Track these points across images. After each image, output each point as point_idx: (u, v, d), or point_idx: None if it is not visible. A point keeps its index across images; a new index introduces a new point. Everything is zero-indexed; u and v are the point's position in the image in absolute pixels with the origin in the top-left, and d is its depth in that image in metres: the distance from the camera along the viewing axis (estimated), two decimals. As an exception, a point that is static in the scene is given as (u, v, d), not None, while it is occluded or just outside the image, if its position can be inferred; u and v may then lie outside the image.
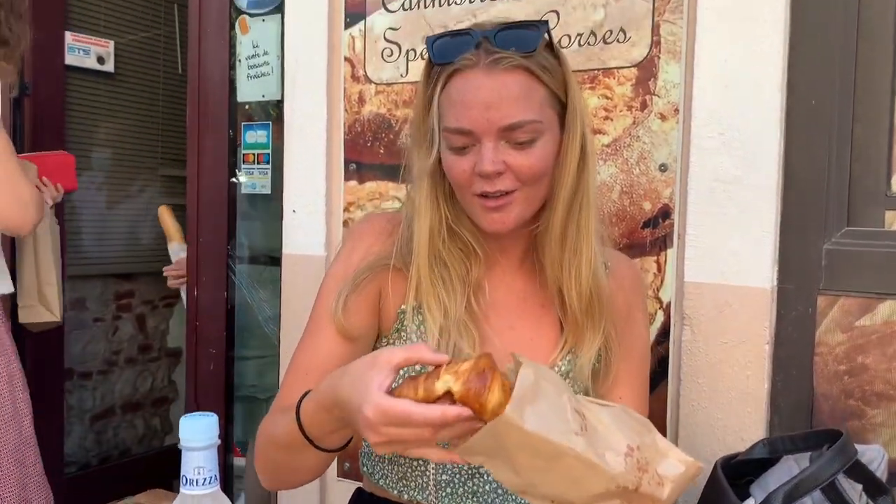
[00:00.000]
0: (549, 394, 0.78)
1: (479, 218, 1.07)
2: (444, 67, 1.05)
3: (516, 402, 0.76)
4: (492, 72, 1.01)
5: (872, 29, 1.41)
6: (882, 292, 1.40)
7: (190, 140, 2.42)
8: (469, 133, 1.03)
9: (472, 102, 1.01)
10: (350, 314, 1.10)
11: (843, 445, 1.05)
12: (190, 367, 2.49)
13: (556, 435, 0.76)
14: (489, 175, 1.02)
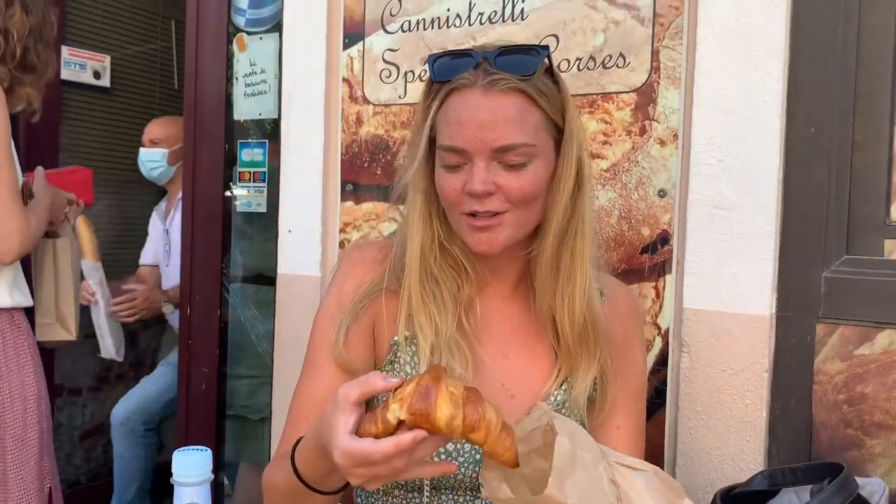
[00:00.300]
0: (586, 464, 0.78)
1: (467, 238, 1.07)
2: (442, 85, 1.06)
3: (557, 475, 0.75)
4: (488, 92, 1.02)
5: (872, 58, 1.41)
6: (881, 321, 1.39)
7: (185, 157, 2.41)
8: (462, 152, 1.03)
9: (467, 122, 1.02)
10: (350, 346, 1.10)
11: (844, 479, 1.04)
12: (182, 386, 2.46)
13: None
14: (479, 195, 1.02)
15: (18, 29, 1.75)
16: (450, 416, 0.79)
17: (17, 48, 1.75)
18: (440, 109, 1.06)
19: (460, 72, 1.04)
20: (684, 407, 1.49)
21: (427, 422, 0.79)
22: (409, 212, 1.11)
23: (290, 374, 1.94)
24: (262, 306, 2.30)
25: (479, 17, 1.70)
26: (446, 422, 0.78)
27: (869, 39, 1.42)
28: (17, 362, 1.76)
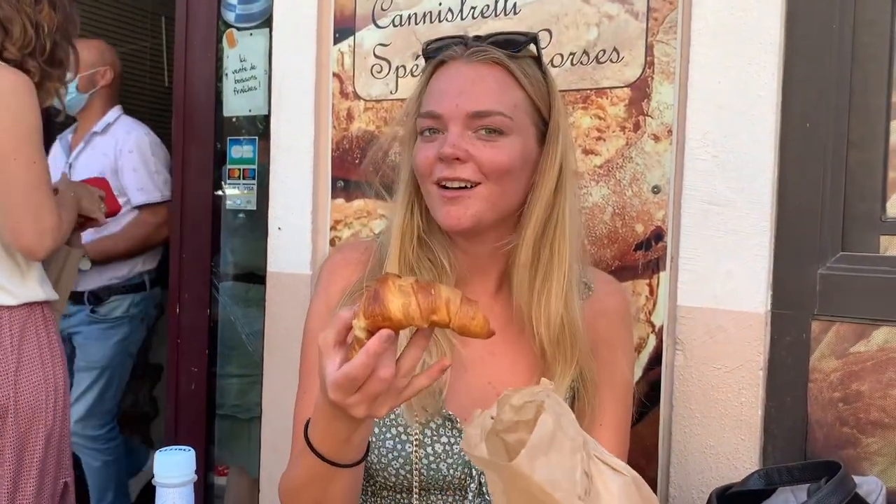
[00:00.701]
0: (563, 449, 0.76)
1: (439, 212, 1.04)
2: (430, 62, 1.09)
3: (530, 449, 0.74)
4: (470, 62, 1.04)
5: (867, 54, 1.40)
6: (877, 318, 1.38)
7: (175, 154, 2.38)
8: (438, 117, 1.03)
9: (446, 88, 1.04)
10: None
11: (841, 478, 1.03)
12: (171, 385, 2.44)
13: (559, 493, 0.74)
14: (448, 157, 1.00)
15: (49, 23, 1.77)
16: (402, 305, 0.79)
17: (46, 42, 1.76)
18: (426, 86, 1.09)
19: (445, 49, 1.07)
20: (678, 405, 1.47)
21: (385, 318, 0.79)
22: (394, 202, 1.12)
23: (279, 373, 1.92)
24: (251, 304, 2.28)
25: (472, 11, 1.68)
26: (402, 311, 0.79)
27: (865, 35, 1.41)
28: (51, 354, 1.79)
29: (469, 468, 1.06)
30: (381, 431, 1.07)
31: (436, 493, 1.08)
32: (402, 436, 1.05)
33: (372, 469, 1.08)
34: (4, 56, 1.72)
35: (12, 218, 1.66)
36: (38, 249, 1.70)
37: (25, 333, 1.73)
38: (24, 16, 1.72)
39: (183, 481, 0.70)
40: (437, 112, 1.03)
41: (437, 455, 1.05)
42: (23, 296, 1.73)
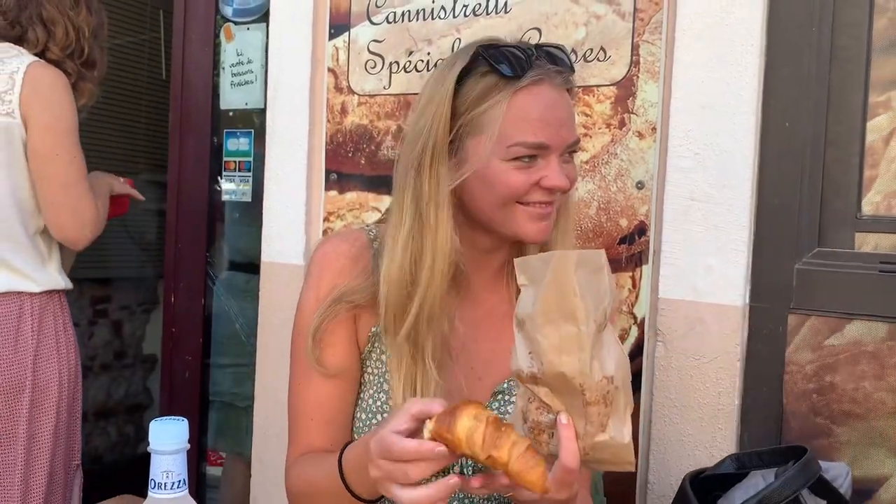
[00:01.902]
0: (602, 282, 0.84)
1: (524, 227, 1.06)
2: (508, 81, 1.03)
3: (581, 256, 0.82)
4: (558, 89, 1.06)
5: (845, 55, 1.45)
6: (851, 312, 1.42)
7: (171, 146, 2.42)
8: (545, 148, 1.04)
9: (550, 119, 1.03)
10: (326, 359, 1.10)
11: (807, 462, 1.07)
12: (165, 374, 2.47)
13: (584, 302, 0.81)
14: (563, 189, 1.06)
15: (87, 26, 1.85)
16: (469, 428, 0.81)
17: (84, 45, 1.85)
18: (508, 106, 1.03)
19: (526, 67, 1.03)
20: (658, 395, 1.52)
21: (449, 432, 0.82)
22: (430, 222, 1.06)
23: (273, 362, 1.96)
24: (246, 295, 2.31)
25: (464, 9, 1.73)
26: (466, 434, 0.81)
27: (843, 37, 1.45)
28: (66, 340, 1.87)
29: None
30: (367, 418, 1.11)
31: None
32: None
33: None
34: (47, 56, 1.80)
35: (54, 212, 1.76)
36: (79, 240, 1.80)
37: (44, 319, 1.81)
38: (67, 18, 1.81)
39: (177, 448, 0.74)
40: (546, 143, 1.03)
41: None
42: (44, 283, 1.81)
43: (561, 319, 0.82)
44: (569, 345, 0.81)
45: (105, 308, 3.58)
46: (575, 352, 0.81)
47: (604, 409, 0.83)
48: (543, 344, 0.83)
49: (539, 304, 0.83)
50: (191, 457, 2.41)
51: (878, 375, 1.39)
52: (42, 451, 1.77)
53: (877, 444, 1.39)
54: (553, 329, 0.82)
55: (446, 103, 1.05)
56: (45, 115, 1.72)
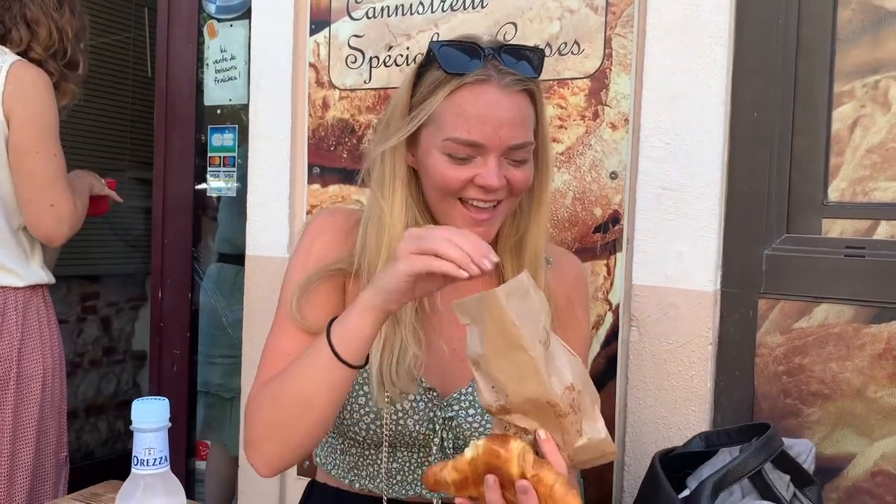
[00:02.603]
0: (533, 305, 0.87)
1: (461, 227, 1.08)
2: (451, 76, 1.06)
3: (507, 288, 0.84)
4: (505, 90, 1.06)
5: (811, 46, 1.49)
6: (818, 296, 1.47)
7: (157, 143, 2.44)
8: (479, 146, 1.06)
9: (487, 118, 1.05)
10: (307, 313, 1.12)
11: (769, 437, 1.11)
12: (153, 369, 2.50)
13: (525, 330, 0.84)
14: (494, 189, 1.07)
15: (70, 27, 1.89)
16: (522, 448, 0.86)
17: (67, 46, 1.88)
18: (447, 98, 1.07)
19: (471, 64, 1.06)
20: (633, 378, 1.56)
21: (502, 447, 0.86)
22: (387, 200, 1.12)
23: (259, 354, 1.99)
24: (232, 288, 2.34)
25: (442, 4, 1.76)
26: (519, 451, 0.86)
27: (809, 28, 1.49)
28: (49, 333, 1.90)
29: (432, 423, 1.14)
30: (353, 391, 1.14)
31: (402, 448, 1.15)
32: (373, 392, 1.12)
33: (343, 425, 1.15)
34: (30, 56, 1.83)
35: (32, 208, 1.79)
36: (56, 237, 1.83)
37: (28, 313, 1.84)
38: (51, 19, 1.84)
39: (158, 426, 0.77)
40: (480, 142, 1.05)
41: (405, 411, 1.13)
42: (28, 278, 1.85)
43: (510, 351, 0.85)
44: (526, 371, 0.85)
45: (93, 304, 3.59)
46: (533, 376, 0.85)
47: (575, 417, 0.88)
48: (503, 377, 0.87)
49: (486, 342, 0.87)
50: (179, 452, 2.45)
51: (845, 357, 1.44)
52: (27, 444, 1.81)
53: (844, 424, 1.44)
54: (506, 361, 0.86)
55: (405, 95, 1.11)
56: (27, 112, 1.75)
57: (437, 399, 1.14)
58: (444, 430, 1.13)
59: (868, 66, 1.46)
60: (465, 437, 1.14)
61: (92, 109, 3.45)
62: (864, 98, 1.46)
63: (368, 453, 1.17)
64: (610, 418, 1.59)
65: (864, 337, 1.42)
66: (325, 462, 1.24)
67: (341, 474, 1.20)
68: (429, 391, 1.13)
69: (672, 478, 1.20)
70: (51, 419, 1.88)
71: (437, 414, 1.13)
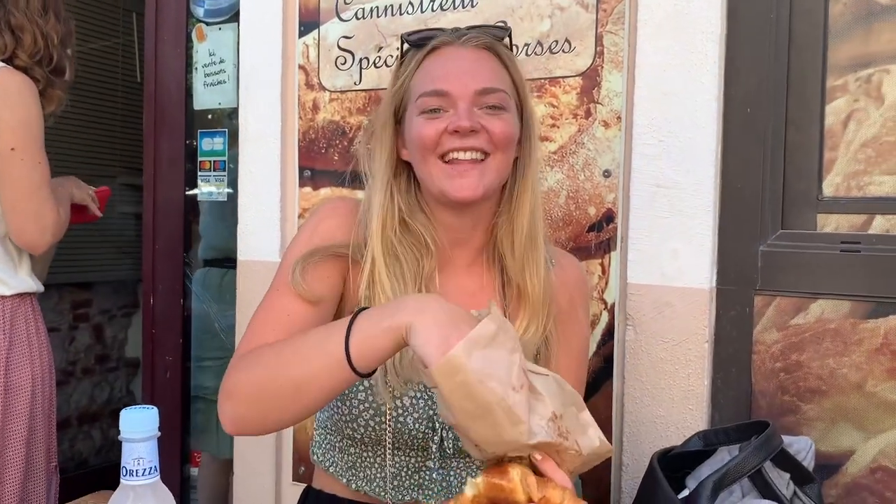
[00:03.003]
0: (503, 347, 0.82)
1: (444, 185, 1.09)
2: (418, 50, 1.13)
3: (467, 342, 0.80)
4: (466, 45, 1.11)
5: (803, 41, 1.48)
6: (815, 292, 1.46)
7: (147, 148, 2.42)
8: (446, 94, 1.08)
9: (450, 69, 1.10)
10: (309, 280, 1.10)
11: (769, 436, 1.10)
12: (146, 376, 2.48)
13: (494, 382, 0.80)
14: (465, 130, 1.06)
15: (56, 34, 1.86)
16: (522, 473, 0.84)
17: (53, 52, 1.86)
18: (417, 70, 1.12)
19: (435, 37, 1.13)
20: (630, 378, 1.55)
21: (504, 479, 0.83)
22: (372, 188, 1.15)
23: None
24: (224, 293, 2.32)
25: (431, 4, 1.75)
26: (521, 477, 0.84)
27: (801, 23, 1.48)
28: (38, 342, 1.88)
29: (432, 422, 1.12)
30: (354, 385, 1.12)
31: (402, 450, 1.14)
32: (374, 388, 1.11)
33: (342, 421, 1.14)
34: (15, 63, 1.80)
35: (17, 216, 1.76)
36: (39, 245, 1.81)
37: (16, 321, 1.82)
38: (35, 26, 1.81)
39: (147, 436, 0.75)
40: (445, 90, 1.08)
41: (405, 408, 1.11)
42: (15, 286, 1.83)
43: (482, 412, 0.81)
44: (503, 426, 0.82)
45: (86, 312, 3.57)
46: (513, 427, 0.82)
47: (567, 441, 0.86)
48: (481, 438, 0.84)
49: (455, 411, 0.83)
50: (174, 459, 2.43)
51: (842, 352, 1.43)
52: (16, 454, 1.79)
53: (842, 419, 1.43)
54: (481, 423, 0.82)
55: (389, 87, 1.16)
56: (12, 118, 1.72)
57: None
58: (444, 430, 1.12)
59: (861, 60, 1.46)
60: None
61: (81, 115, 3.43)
62: (858, 92, 1.45)
63: (367, 454, 1.16)
64: (607, 418, 1.58)
65: (861, 332, 1.42)
66: (322, 460, 1.22)
67: (339, 472, 1.19)
68: (430, 389, 1.12)
69: (671, 478, 1.19)
70: (41, 429, 1.86)
71: (438, 412, 1.12)
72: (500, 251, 1.18)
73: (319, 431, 1.25)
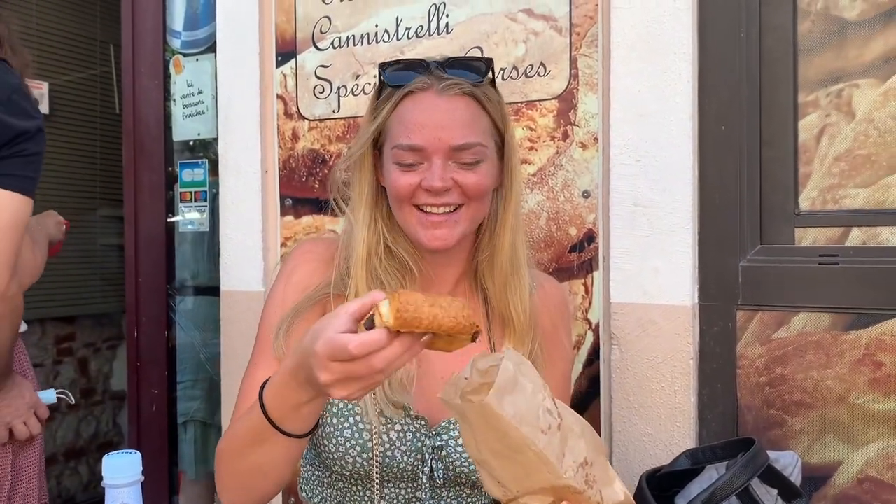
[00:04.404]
0: (526, 391, 0.85)
1: (419, 234, 1.11)
2: (396, 90, 1.11)
3: (497, 390, 0.81)
4: (443, 95, 1.09)
5: (773, 56, 1.50)
6: (796, 305, 1.47)
7: (126, 179, 2.41)
8: (420, 150, 1.08)
9: (425, 122, 1.08)
10: (292, 342, 1.10)
11: (754, 453, 1.11)
12: (132, 409, 2.46)
13: (526, 428, 0.82)
14: (438, 191, 1.08)
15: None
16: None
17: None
18: (393, 112, 1.11)
19: (413, 77, 1.10)
20: (617, 397, 1.55)
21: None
22: (354, 216, 1.16)
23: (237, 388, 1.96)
24: (208, 324, 2.31)
25: (407, 31, 1.76)
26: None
27: (770, 39, 1.51)
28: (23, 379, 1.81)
29: (421, 454, 1.12)
30: (339, 421, 1.12)
31: (392, 482, 1.13)
32: (359, 424, 1.11)
33: (329, 459, 1.13)
34: None
35: None
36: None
37: None
38: None
39: (130, 482, 0.75)
40: (420, 145, 1.08)
41: (392, 442, 1.11)
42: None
43: (513, 453, 0.83)
44: (533, 467, 0.84)
45: (69, 346, 3.54)
46: (542, 468, 0.84)
47: (591, 490, 0.87)
48: (507, 476, 0.86)
49: (483, 447, 0.85)
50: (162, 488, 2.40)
51: (825, 364, 1.44)
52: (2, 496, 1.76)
53: (827, 431, 1.44)
54: (510, 463, 0.84)
55: (366, 118, 1.16)
56: None
57: (426, 428, 1.12)
58: (434, 460, 1.12)
59: (830, 76, 1.48)
60: (455, 468, 1.12)
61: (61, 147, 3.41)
62: (829, 107, 1.48)
63: (356, 488, 1.15)
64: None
65: (842, 344, 1.43)
66: (311, 496, 1.21)
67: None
68: (417, 420, 1.12)
69: (660, 497, 1.19)
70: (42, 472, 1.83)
71: (426, 443, 1.11)
72: (481, 281, 1.19)
73: (307, 468, 1.24)
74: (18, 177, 1.56)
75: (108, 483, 0.75)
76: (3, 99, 1.51)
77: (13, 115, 1.52)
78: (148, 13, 2.36)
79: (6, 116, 1.51)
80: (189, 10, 2.31)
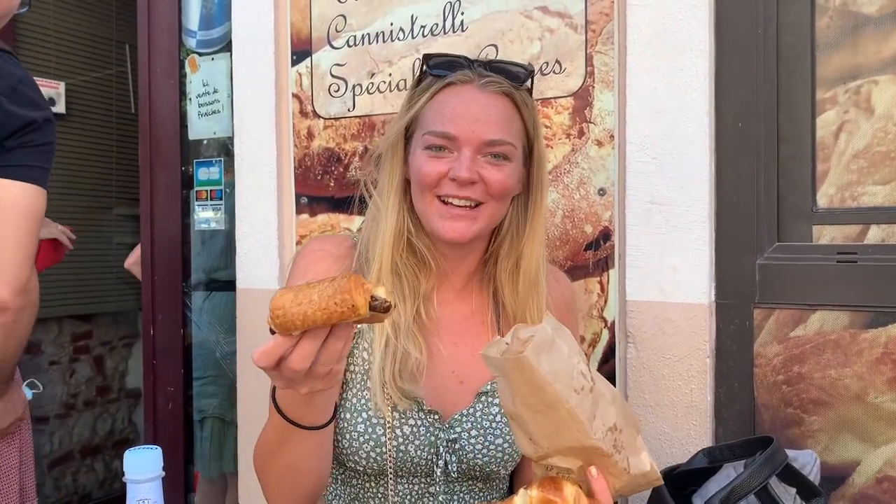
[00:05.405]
0: (562, 351, 0.87)
1: (436, 223, 1.12)
2: (436, 80, 1.13)
3: (535, 346, 0.84)
4: (483, 90, 1.11)
5: (791, 54, 1.49)
6: (813, 303, 1.46)
7: (143, 178, 2.43)
8: (453, 138, 1.10)
9: (462, 113, 1.10)
10: None
11: (773, 452, 1.10)
12: (148, 407, 2.47)
13: (559, 385, 0.85)
14: (464, 181, 1.09)
15: None
16: (577, 492, 0.87)
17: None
18: (430, 101, 1.13)
19: (455, 70, 1.13)
20: (633, 396, 1.54)
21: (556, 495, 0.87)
22: (382, 203, 1.17)
23: (253, 386, 1.97)
24: (223, 322, 2.32)
25: (422, 29, 1.76)
26: (574, 496, 0.88)
27: (788, 36, 1.50)
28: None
29: (434, 447, 1.12)
30: (352, 416, 1.13)
31: (405, 477, 1.14)
32: (372, 419, 1.11)
33: (343, 455, 1.14)
34: None
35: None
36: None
37: None
38: None
39: (151, 477, 0.75)
40: (453, 134, 1.10)
41: (406, 437, 1.12)
42: None
43: (546, 409, 0.86)
44: (563, 424, 0.86)
45: (86, 344, 3.56)
46: (572, 426, 0.86)
47: (619, 456, 0.90)
48: (539, 431, 0.88)
49: (518, 401, 0.88)
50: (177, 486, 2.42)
51: (843, 363, 1.43)
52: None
53: (846, 430, 1.43)
54: (542, 417, 0.87)
55: (405, 104, 1.17)
56: None
57: (440, 422, 1.13)
58: (448, 454, 1.12)
59: (849, 72, 1.47)
60: (469, 460, 1.13)
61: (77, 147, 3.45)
62: (847, 103, 1.47)
63: (370, 484, 1.15)
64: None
65: (861, 343, 1.42)
66: (324, 493, 1.22)
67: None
68: (430, 414, 1.12)
69: (677, 495, 1.19)
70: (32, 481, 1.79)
71: (440, 437, 1.12)
72: (496, 285, 1.20)
73: None
74: (29, 167, 1.51)
75: (130, 478, 0.75)
76: (8, 89, 1.47)
77: (19, 105, 1.48)
78: (163, 13, 2.38)
79: (11, 106, 1.47)
80: (204, 9, 2.32)
